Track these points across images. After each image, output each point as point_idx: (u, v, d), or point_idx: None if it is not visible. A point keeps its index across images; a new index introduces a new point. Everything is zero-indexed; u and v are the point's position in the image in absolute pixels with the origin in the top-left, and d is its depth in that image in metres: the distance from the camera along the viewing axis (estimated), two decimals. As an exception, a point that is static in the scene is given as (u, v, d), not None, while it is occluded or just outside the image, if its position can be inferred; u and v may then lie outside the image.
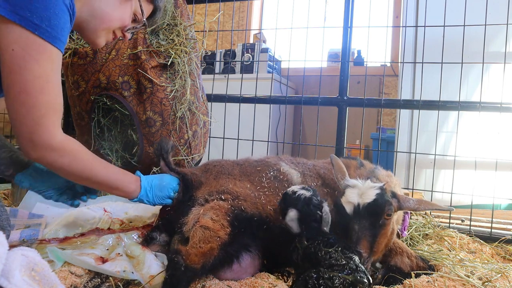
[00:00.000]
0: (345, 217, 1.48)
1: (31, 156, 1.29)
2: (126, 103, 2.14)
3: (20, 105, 1.21)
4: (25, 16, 1.15)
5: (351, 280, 1.11)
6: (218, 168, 1.76)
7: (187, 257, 1.30)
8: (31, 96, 1.22)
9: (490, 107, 2.28)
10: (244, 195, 1.57)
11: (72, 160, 1.34)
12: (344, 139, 2.55)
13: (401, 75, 3.27)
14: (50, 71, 1.24)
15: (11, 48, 1.17)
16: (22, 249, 0.96)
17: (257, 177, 1.72)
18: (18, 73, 1.19)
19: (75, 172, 1.37)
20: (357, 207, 1.46)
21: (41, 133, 1.25)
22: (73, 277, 1.23)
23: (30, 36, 1.18)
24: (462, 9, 2.35)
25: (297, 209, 1.42)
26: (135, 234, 1.65)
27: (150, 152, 2.18)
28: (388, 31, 3.42)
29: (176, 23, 2.22)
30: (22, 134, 1.25)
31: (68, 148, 1.33)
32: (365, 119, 2.60)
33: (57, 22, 1.22)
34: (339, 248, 1.25)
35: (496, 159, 2.29)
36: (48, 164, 1.33)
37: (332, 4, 3.34)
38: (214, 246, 1.35)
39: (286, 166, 1.80)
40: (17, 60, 1.18)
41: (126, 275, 1.26)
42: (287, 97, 2.85)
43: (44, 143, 1.26)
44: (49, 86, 1.25)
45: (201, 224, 1.41)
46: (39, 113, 1.23)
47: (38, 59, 1.20)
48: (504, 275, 1.53)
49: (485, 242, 2.06)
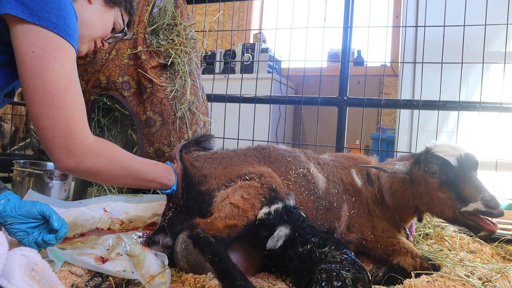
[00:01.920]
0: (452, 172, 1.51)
1: (68, 165, 1.21)
2: (126, 103, 2.14)
3: (48, 108, 1.17)
4: (43, 16, 1.16)
5: (351, 277, 1.11)
6: (227, 160, 1.63)
7: (207, 227, 1.20)
8: (57, 97, 1.18)
9: (490, 107, 2.28)
10: (267, 173, 1.47)
11: (110, 159, 1.30)
12: (344, 139, 2.55)
13: (401, 75, 3.27)
14: (70, 69, 1.22)
15: (31, 50, 1.16)
16: (22, 249, 0.96)
17: (283, 167, 1.62)
18: (40, 74, 1.17)
19: (115, 171, 1.32)
20: (460, 158, 1.51)
21: (75, 136, 1.20)
22: (73, 277, 1.23)
23: (49, 34, 1.17)
24: (462, 9, 2.35)
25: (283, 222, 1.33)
26: (135, 234, 1.65)
27: (150, 152, 2.18)
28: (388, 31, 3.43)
29: (176, 23, 2.22)
30: (56, 140, 1.18)
31: (102, 147, 1.29)
32: (365, 119, 2.60)
33: (71, 21, 1.23)
34: (333, 246, 1.24)
35: (496, 159, 2.29)
36: (87, 168, 1.25)
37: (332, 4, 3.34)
38: (239, 224, 1.27)
39: (315, 169, 1.72)
40: (38, 61, 1.16)
41: (126, 274, 1.25)
42: (287, 97, 2.85)
43: (80, 145, 1.21)
44: (72, 84, 1.22)
45: (230, 200, 1.32)
46: (69, 113, 1.19)
47: (58, 57, 1.19)
48: (504, 275, 1.53)
49: (485, 242, 2.06)
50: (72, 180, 2.19)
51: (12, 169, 2.26)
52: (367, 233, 1.66)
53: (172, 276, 1.35)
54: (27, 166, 2.22)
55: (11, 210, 1.24)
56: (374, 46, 2.90)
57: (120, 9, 1.53)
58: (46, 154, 1.25)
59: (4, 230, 1.29)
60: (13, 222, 1.25)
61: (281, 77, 4.41)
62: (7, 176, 2.97)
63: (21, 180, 2.15)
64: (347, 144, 2.73)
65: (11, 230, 1.26)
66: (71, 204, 1.87)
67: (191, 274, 1.36)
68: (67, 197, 2.19)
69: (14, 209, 1.25)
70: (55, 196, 2.13)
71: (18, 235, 1.26)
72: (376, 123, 4.49)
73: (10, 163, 2.37)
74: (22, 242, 1.27)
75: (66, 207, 1.83)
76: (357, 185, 1.76)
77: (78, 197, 2.19)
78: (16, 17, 1.15)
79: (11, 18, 1.16)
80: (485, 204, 1.42)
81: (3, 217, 1.24)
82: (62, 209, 1.88)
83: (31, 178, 2.14)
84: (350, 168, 1.80)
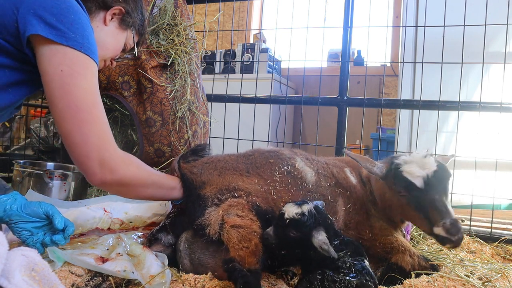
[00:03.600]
0: (417, 192, 1.48)
1: (104, 177, 1.26)
2: (126, 103, 2.14)
3: (80, 125, 1.21)
4: (70, 37, 1.22)
5: (356, 284, 1.11)
6: (222, 164, 1.67)
7: (242, 261, 1.21)
8: (87, 112, 1.23)
9: (490, 107, 2.28)
10: (255, 191, 1.51)
11: (139, 166, 1.38)
12: (344, 139, 2.55)
13: (401, 75, 3.27)
14: (95, 85, 1.28)
15: (59, 69, 1.20)
16: (22, 249, 0.96)
17: (268, 170, 1.63)
18: (69, 92, 1.21)
19: (144, 179, 1.38)
20: (427, 178, 1.46)
21: (107, 147, 1.26)
22: (73, 277, 1.23)
23: (76, 53, 1.22)
24: (462, 9, 2.35)
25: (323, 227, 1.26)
26: (135, 234, 1.65)
27: (150, 152, 2.18)
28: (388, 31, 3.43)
29: (176, 23, 2.22)
30: (90, 154, 1.23)
31: (130, 157, 1.36)
32: (365, 119, 2.60)
33: (93, 40, 1.29)
34: (349, 252, 1.24)
35: (496, 159, 2.29)
36: (121, 178, 1.30)
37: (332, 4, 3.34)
38: (257, 241, 1.28)
39: (301, 162, 1.71)
40: (67, 79, 1.21)
41: (126, 274, 1.25)
42: (287, 97, 2.85)
43: (112, 156, 1.26)
44: (98, 100, 1.27)
45: (230, 224, 1.33)
46: (99, 127, 1.24)
47: (85, 75, 1.24)
48: (504, 275, 1.53)
49: (485, 242, 2.06)
50: (72, 180, 2.19)
51: (12, 169, 2.26)
52: (365, 231, 1.65)
53: (172, 276, 1.35)
54: (27, 166, 2.22)
55: (17, 209, 1.26)
56: (374, 46, 2.90)
57: (132, 31, 1.57)
58: (47, 154, 1.27)
59: (4, 230, 1.29)
60: (18, 221, 1.26)
61: (281, 77, 4.41)
62: (7, 176, 2.97)
63: (21, 180, 2.15)
64: (347, 144, 2.74)
65: (16, 229, 1.27)
66: (71, 204, 1.87)
67: (191, 274, 1.36)
68: (67, 197, 2.19)
69: (20, 208, 1.26)
70: (55, 196, 2.13)
71: (23, 234, 1.27)
72: (376, 123, 4.49)
73: (10, 163, 2.37)
74: (26, 242, 1.27)
75: (66, 207, 1.83)
76: (351, 181, 1.74)
77: (78, 197, 2.19)
78: (45, 38, 1.19)
79: (39, 39, 1.20)
80: (446, 230, 1.40)
81: (9, 216, 1.25)
82: (62, 209, 1.87)
83: (31, 178, 2.14)
84: (343, 167, 1.79)
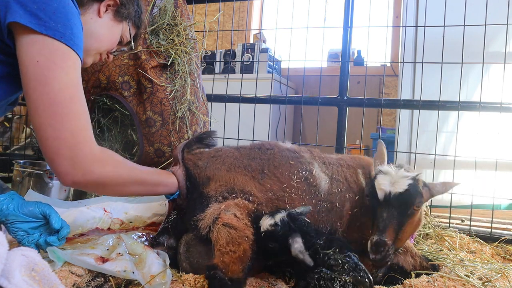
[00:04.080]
0: (376, 202, 1.49)
1: (75, 177, 1.18)
2: (126, 103, 2.14)
3: (53, 118, 1.14)
4: (51, 26, 1.14)
5: (351, 281, 1.11)
6: (231, 160, 1.60)
7: (226, 268, 1.17)
8: (62, 106, 1.15)
9: (490, 107, 2.28)
10: (266, 201, 1.48)
11: (116, 167, 1.29)
12: (344, 139, 2.55)
13: (401, 75, 3.26)
14: (75, 78, 1.21)
15: (35, 60, 1.13)
16: (22, 249, 0.96)
17: (287, 172, 1.59)
18: (45, 84, 1.14)
19: (123, 179, 1.31)
20: (388, 195, 1.46)
21: (81, 146, 1.18)
22: (73, 277, 1.23)
23: (55, 44, 1.15)
24: (462, 9, 2.35)
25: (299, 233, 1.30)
26: (135, 234, 1.64)
27: (150, 152, 2.18)
28: (388, 31, 3.43)
29: (176, 23, 2.22)
30: (61, 151, 1.15)
31: (107, 157, 1.28)
32: (365, 119, 2.60)
33: (77, 32, 1.22)
34: (337, 249, 1.25)
35: (496, 159, 2.29)
36: (95, 179, 1.22)
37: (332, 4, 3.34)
38: (246, 247, 1.23)
39: (318, 168, 1.69)
40: (43, 71, 1.14)
41: (127, 274, 1.25)
42: (287, 97, 2.85)
43: (86, 156, 1.18)
44: (78, 94, 1.20)
45: (223, 221, 1.27)
46: (75, 123, 1.17)
47: (64, 67, 1.17)
48: (504, 275, 1.53)
49: (485, 242, 2.06)
50: (72, 180, 2.19)
51: (12, 169, 2.26)
52: (369, 231, 1.65)
53: (172, 276, 1.35)
54: (27, 166, 2.22)
55: (13, 209, 1.24)
56: (374, 46, 2.91)
57: (128, 23, 1.52)
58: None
59: (4, 230, 1.29)
60: (14, 221, 1.25)
61: (281, 77, 4.41)
62: (7, 176, 2.97)
63: (21, 180, 2.15)
64: (347, 144, 2.73)
65: (12, 229, 1.25)
66: (71, 204, 1.87)
67: (191, 274, 1.36)
68: (67, 197, 2.19)
69: (17, 208, 1.25)
70: (55, 196, 2.13)
71: (19, 234, 1.26)
72: (376, 123, 4.49)
73: (10, 163, 2.37)
74: (22, 242, 1.26)
75: (66, 207, 1.83)
76: (361, 184, 1.75)
77: (78, 197, 2.19)
78: (24, 26, 1.13)
79: (18, 27, 1.14)
80: (370, 245, 1.40)
81: (6, 216, 1.24)
82: (62, 209, 1.87)
83: (31, 178, 2.14)
84: (356, 168, 1.80)
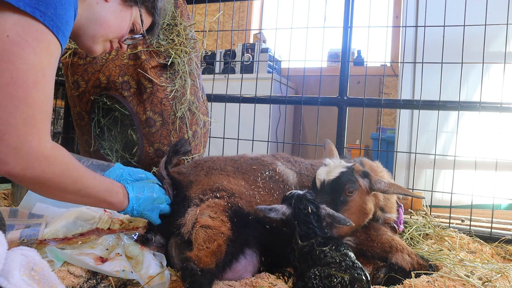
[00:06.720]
0: (316, 190, 1.57)
1: (13, 169, 1.03)
2: (126, 103, 2.14)
3: (8, 100, 1.00)
4: (31, 3, 1.02)
5: (349, 279, 1.11)
6: (209, 164, 1.75)
7: (198, 260, 1.26)
8: (22, 89, 1.01)
9: (490, 107, 2.28)
10: (239, 193, 1.56)
11: (64, 170, 1.14)
12: (344, 139, 2.55)
13: (401, 75, 3.26)
14: (46, 64, 1.07)
15: (5, 34, 1.00)
16: (21, 249, 0.95)
17: (252, 176, 1.71)
18: (9, 61, 1.00)
19: (66, 184, 1.16)
20: (323, 183, 1.55)
21: (31, 137, 1.03)
22: (72, 277, 1.23)
23: (32, 22, 1.03)
24: (462, 9, 2.35)
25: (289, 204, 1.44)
26: (135, 234, 1.64)
27: (150, 152, 2.18)
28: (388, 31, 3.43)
29: (176, 23, 2.22)
30: (6, 138, 1.00)
31: (59, 156, 1.12)
32: (365, 119, 2.60)
33: (63, 13, 1.09)
34: (333, 247, 1.25)
35: (496, 159, 2.29)
36: (35, 176, 1.07)
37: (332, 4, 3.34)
38: (221, 242, 1.32)
39: (282, 166, 1.79)
40: (10, 47, 1.01)
41: (125, 274, 1.26)
42: (287, 97, 2.85)
43: (34, 149, 1.04)
44: (44, 81, 1.06)
45: (200, 224, 1.39)
46: (30, 111, 1.03)
47: (35, 47, 1.03)
48: (504, 275, 1.53)
49: (485, 242, 2.06)
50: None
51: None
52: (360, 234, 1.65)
53: (172, 276, 1.35)
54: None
55: (127, 175, 1.56)
56: (374, 46, 2.91)
57: (139, 9, 1.41)
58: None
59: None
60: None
61: (281, 77, 4.41)
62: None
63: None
64: (347, 144, 2.74)
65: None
66: (71, 204, 1.86)
67: (191, 274, 1.36)
68: (67, 197, 2.18)
69: (129, 174, 1.57)
70: (55, 196, 2.13)
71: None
72: (376, 123, 4.49)
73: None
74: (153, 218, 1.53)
75: (66, 207, 1.83)
76: None
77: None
78: (2, 1, 1.00)
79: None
80: None
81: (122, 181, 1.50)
82: (62, 209, 1.88)
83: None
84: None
